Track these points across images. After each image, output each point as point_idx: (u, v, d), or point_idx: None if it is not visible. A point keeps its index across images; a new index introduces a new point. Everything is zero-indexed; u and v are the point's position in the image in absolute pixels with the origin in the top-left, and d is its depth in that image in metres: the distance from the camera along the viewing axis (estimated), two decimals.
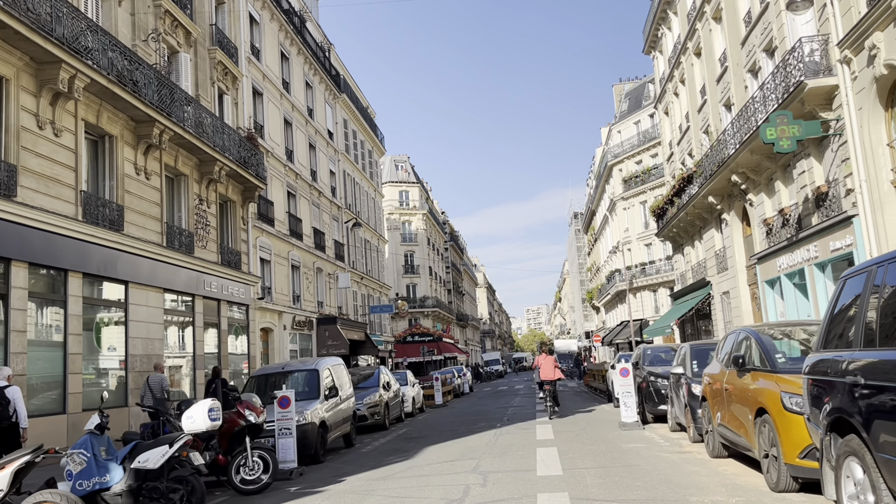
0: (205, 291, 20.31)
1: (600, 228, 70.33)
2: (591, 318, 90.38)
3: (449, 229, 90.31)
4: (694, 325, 33.78)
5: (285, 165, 28.83)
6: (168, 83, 18.24)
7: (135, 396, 16.03)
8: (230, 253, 22.65)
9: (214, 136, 20.85)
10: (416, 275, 66.67)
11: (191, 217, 20.28)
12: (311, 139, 33.17)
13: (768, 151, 21.08)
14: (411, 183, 68.61)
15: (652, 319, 52.08)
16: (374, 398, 18.41)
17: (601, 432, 13.99)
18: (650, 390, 14.96)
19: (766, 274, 22.62)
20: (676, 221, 32.27)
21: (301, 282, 29.68)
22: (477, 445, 13.11)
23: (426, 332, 60.68)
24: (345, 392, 14.89)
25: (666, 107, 36.79)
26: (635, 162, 55.45)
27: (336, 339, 30.54)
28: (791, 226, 20.14)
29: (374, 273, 44.34)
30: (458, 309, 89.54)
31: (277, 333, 26.45)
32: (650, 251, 54.13)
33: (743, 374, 8.04)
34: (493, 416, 20.10)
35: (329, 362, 14.47)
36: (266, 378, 13.90)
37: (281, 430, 10.98)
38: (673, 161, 36.17)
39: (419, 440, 15.01)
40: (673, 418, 13.21)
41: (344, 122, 39.81)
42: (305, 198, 31.34)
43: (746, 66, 23.02)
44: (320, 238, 32.81)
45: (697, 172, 27.68)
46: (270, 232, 26.37)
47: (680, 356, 13.08)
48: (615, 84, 63.73)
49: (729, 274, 27.08)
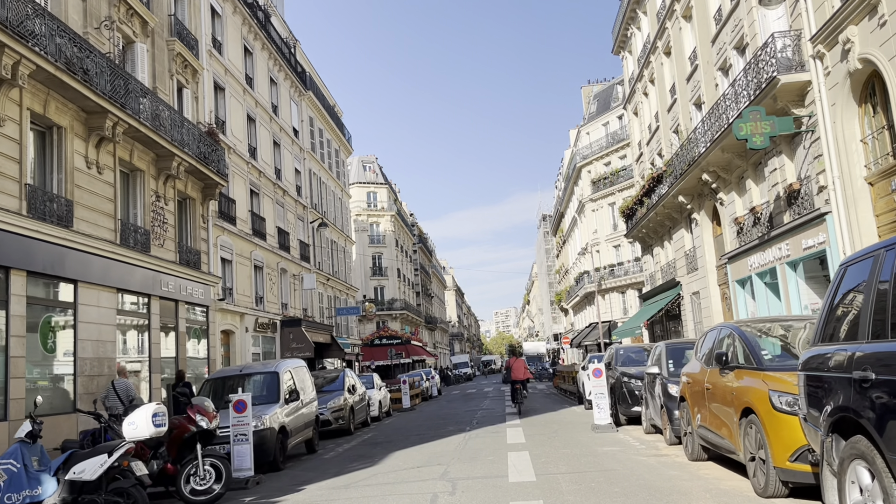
0: (162, 292, 19.45)
1: (569, 230, 70.31)
2: (559, 320, 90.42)
3: (417, 231, 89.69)
4: (664, 326, 33.63)
5: (248, 163, 28.00)
6: (122, 73, 17.38)
7: (84, 402, 15.16)
8: (189, 252, 21.79)
9: (172, 130, 20.00)
10: (384, 277, 65.91)
11: (147, 214, 19.41)
12: (276, 136, 32.35)
13: (740, 149, 20.91)
14: (379, 184, 67.86)
15: (621, 321, 52.04)
16: (338, 402, 17.75)
17: (574, 435, 13.51)
18: (623, 391, 14.54)
19: (736, 273, 22.43)
20: (646, 222, 32.11)
21: (264, 283, 28.84)
22: (445, 450, 12.54)
23: (394, 334, 59.95)
24: (307, 396, 14.22)
25: (635, 107, 36.67)
26: (604, 164, 55.45)
27: (301, 342, 29.75)
28: (762, 224, 19.95)
29: (341, 275, 43.55)
30: (427, 312, 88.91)
31: (239, 336, 25.59)
32: (619, 253, 54.12)
33: (726, 372, 7.59)
34: (461, 420, 19.55)
35: (290, 365, 13.78)
36: (223, 381, 13.17)
37: (236, 436, 10.28)
38: (642, 161, 36.05)
39: (385, 445, 14.40)
40: (648, 420, 12.79)
41: (310, 120, 39.01)
42: (269, 196, 30.51)
43: (717, 64, 22.84)
44: (285, 238, 31.99)
45: (667, 172, 27.50)
46: (232, 231, 25.52)
47: (655, 355, 12.67)
48: (584, 86, 63.80)
49: (699, 274, 26.92)
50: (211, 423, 9.17)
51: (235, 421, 10.27)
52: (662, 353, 11.96)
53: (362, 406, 19.94)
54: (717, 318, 25.56)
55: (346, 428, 17.82)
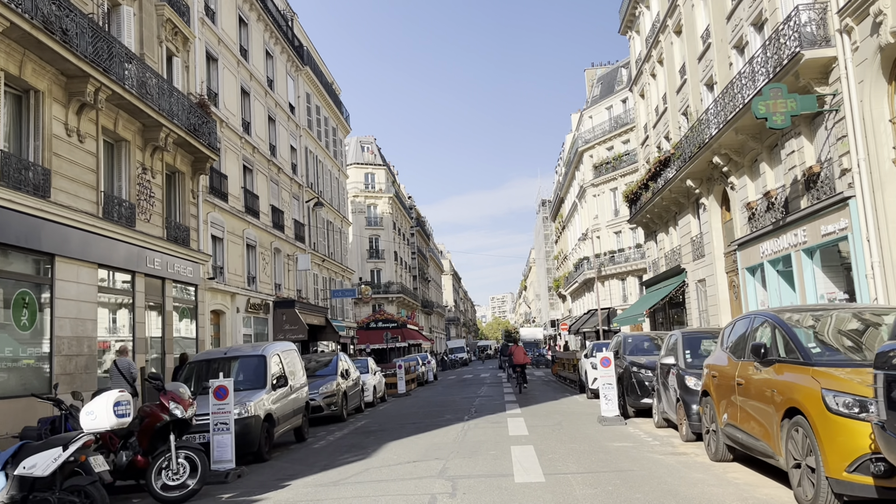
0: (147, 269, 18.53)
1: (569, 216, 69.41)
2: (556, 306, 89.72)
3: (415, 214, 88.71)
4: (666, 314, 32.83)
5: (241, 138, 27.00)
6: (106, 36, 16.36)
7: (64, 383, 14.32)
8: (177, 228, 20.86)
9: (160, 99, 19.01)
10: (381, 260, 65.02)
11: (132, 187, 18.45)
12: (271, 112, 31.32)
13: (754, 131, 20.01)
14: (377, 165, 66.79)
15: (620, 308, 51.28)
16: (330, 387, 16.91)
17: (580, 427, 12.69)
18: (632, 382, 13.71)
19: (747, 261, 21.57)
20: (651, 207, 31.21)
21: (257, 262, 27.93)
22: (443, 442, 11.71)
23: (390, 318, 59.22)
24: (297, 381, 13.37)
25: (642, 89, 35.65)
26: (606, 148, 54.44)
27: (294, 324, 28.89)
28: (777, 209, 19.07)
29: (337, 256, 42.65)
30: (424, 295, 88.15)
31: (230, 316, 24.72)
32: (620, 239, 53.26)
33: (764, 366, 6.73)
34: (459, 408, 18.75)
35: (279, 347, 12.91)
36: (206, 364, 12.29)
37: (217, 425, 9.42)
38: (648, 145, 35.09)
39: (379, 434, 13.58)
40: (659, 413, 11.97)
41: (307, 96, 37.93)
42: (263, 173, 29.53)
43: (732, 41, 21.86)
44: (279, 217, 31.04)
45: (675, 155, 26.57)
46: (223, 208, 24.57)
47: (669, 345, 11.82)
48: (587, 69, 62.66)
49: (706, 261, 26.07)
50: (186, 411, 8.29)
51: (216, 408, 9.41)
52: (679, 342, 11.10)
53: (356, 391, 19.12)
54: (724, 306, 24.75)
55: (339, 415, 17.00)
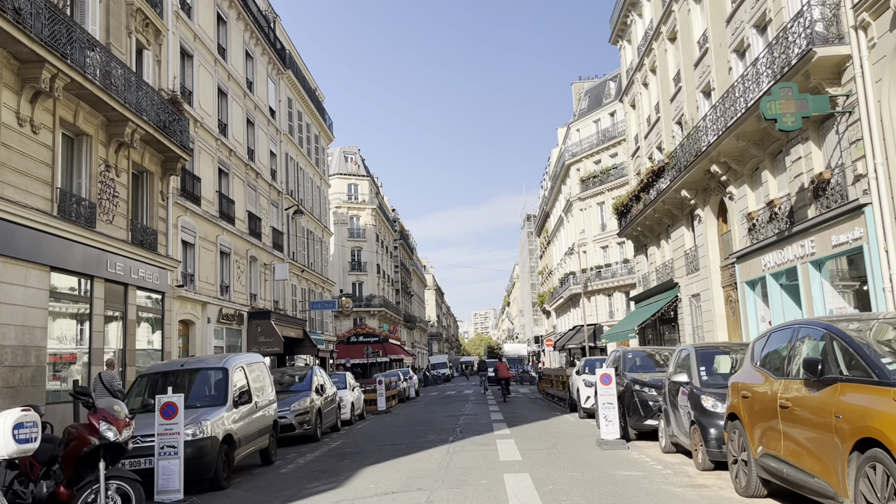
0: (108, 273, 17.13)
1: (554, 230, 68.46)
2: (541, 322, 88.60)
3: (399, 227, 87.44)
4: (656, 331, 31.77)
5: (217, 139, 25.68)
6: (65, 19, 15.08)
7: (4, 397, 12.91)
8: (144, 231, 19.48)
9: (126, 91, 17.70)
10: (363, 272, 63.62)
11: (94, 185, 17.09)
12: (250, 114, 30.04)
13: (756, 137, 19.06)
14: (361, 176, 65.55)
15: (606, 324, 50.22)
16: (303, 404, 15.56)
17: (579, 452, 11.45)
18: (634, 401, 12.51)
19: (746, 274, 20.54)
20: (642, 219, 30.21)
21: (231, 270, 26.54)
22: (426, 468, 10.43)
23: (371, 332, 57.73)
24: (264, 397, 12.04)
25: (633, 99, 34.79)
26: (594, 161, 53.61)
27: (269, 336, 27.47)
28: (780, 219, 18.06)
29: (317, 267, 41.26)
30: (406, 310, 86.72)
31: (200, 327, 23.29)
32: (607, 254, 52.32)
33: (820, 386, 5.56)
34: (443, 427, 17.44)
35: (244, 360, 11.57)
36: (161, 378, 10.92)
37: (163, 447, 8.09)
38: (639, 156, 34.17)
39: (354, 458, 12.25)
40: (667, 437, 10.76)
41: (288, 101, 36.70)
42: (240, 178, 28.20)
43: (731, 45, 20.95)
44: (256, 224, 29.69)
45: (670, 165, 25.60)
46: (196, 212, 23.21)
47: (678, 360, 10.64)
48: (574, 82, 61.98)
49: (700, 275, 25.04)
50: (120, 433, 6.95)
51: (162, 429, 8.09)
52: (692, 357, 9.92)
53: (332, 409, 17.76)
54: (720, 322, 23.70)
55: (312, 434, 15.64)
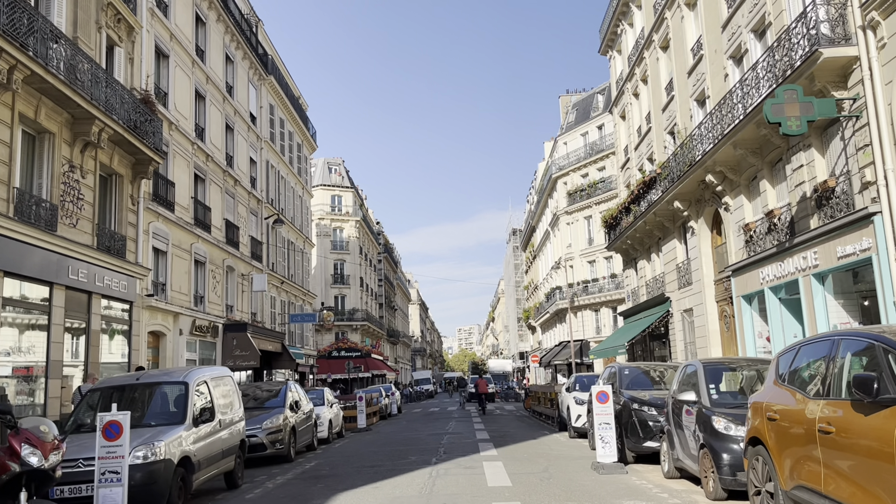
0: (69, 280, 16.04)
1: (540, 245, 67.75)
2: (526, 338, 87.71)
3: (383, 240, 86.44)
4: (646, 347, 30.93)
5: (194, 143, 24.66)
6: (27, 7, 14.10)
7: None
8: (111, 237, 18.41)
9: (94, 88, 16.70)
10: (346, 285, 62.46)
11: (56, 186, 16.03)
12: (229, 119, 29.05)
13: (755, 145, 18.36)
14: (345, 187, 64.56)
15: (593, 340, 49.39)
16: (276, 422, 14.49)
17: (573, 477, 10.49)
18: (633, 421, 11.58)
19: (743, 288, 19.76)
20: (632, 232, 29.45)
21: (206, 280, 25.42)
22: (407, 494, 9.44)
23: (354, 346, 56.45)
24: (230, 415, 10.99)
25: (622, 110, 34.17)
26: (581, 175, 53.01)
27: (245, 349, 26.34)
28: (780, 231, 17.30)
29: (298, 279, 40.14)
30: (390, 324, 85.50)
31: (172, 339, 22.14)
32: (594, 268, 51.60)
33: (875, 408, 4.67)
34: (426, 447, 16.41)
35: (207, 374, 10.53)
36: (114, 393, 9.85)
37: (104, 473, 7.05)
38: (628, 168, 33.50)
39: (329, 482, 11.21)
40: (671, 460, 9.83)
41: (270, 107, 35.74)
42: (218, 184, 27.15)
43: (728, 51, 20.30)
44: (234, 232, 28.61)
45: (662, 175, 24.87)
46: (169, 218, 22.15)
47: (682, 377, 9.75)
48: (562, 95, 61.51)
49: (693, 289, 24.26)
50: (46, 457, 5.91)
51: (104, 451, 7.05)
52: (700, 374, 9.02)
53: (307, 427, 16.68)
54: (714, 338, 22.89)
55: (285, 454, 14.56)
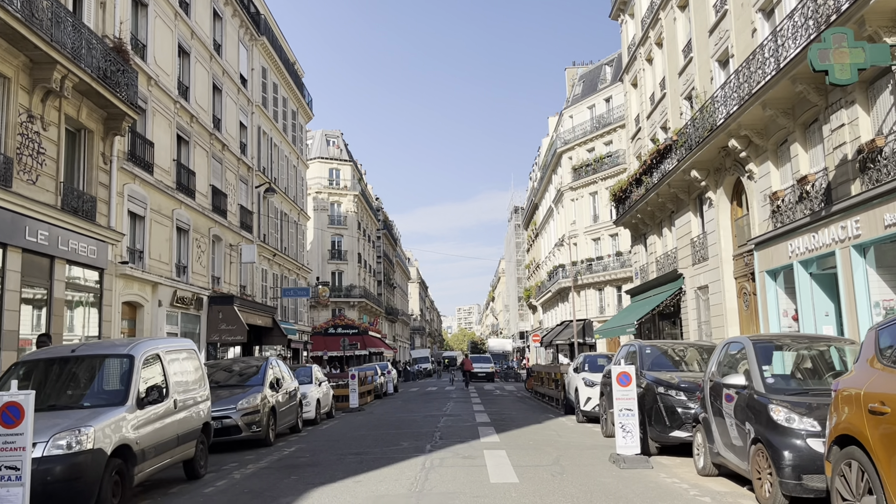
0: (27, 242, 14.45)
1: (543, 222, 66.09)
2: (526, 317, 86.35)
3: (383, 217, 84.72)
4: (654, 326, 29.41)
5: (176, 102, 22.94)
6: None
7: None
8: (79, 197, 16.79)
9: (55, 29, 14.99)
10: (344, 261, 60.88)
11: (11, 136, 14.38)
12: (217, 80, 27.28)
13: (786, 105, 16.66)
14: (343, 160, 62.75)
15: (597, 320, 47.93)
16: (253, 402, 12.96)
17: (590, 471, 8.96)
18: (658, 407, 10.04)
19: (767, 262, 18.16)
20: (643, 205, 27.80)
21: (190, 249, 23.83)
22: (393, 492, 7.92)
23: (350, 323, 55.03)
24: (191, 393, 9.44)
25: (634, 77, 32.36)
26: (587, 149, 51.21)
27: (232, 323, 24.81)
28: (814, 199, 15.67)
29: (292, 252, 38.53)
30: (388, 302, 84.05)
31: (150, 310, 20.60)
32: (598, 246, 49.97)
33: None
34: (420, 430, 14.90)
35: (161, 346, 8.94)
36: (43, 367, 8.27)
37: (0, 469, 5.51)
38: (639, 138, 31.76)
39: (305, 472, 9.70)
40: (707, 455, 8.30)
41: (262, 70, 33.92)
42: (204, 148, 25.46)
43: (756, 4, 18.52)
44: (221, 200, 26.96)
45: (678, 143, 23.18)
46: (147, 181, 20.51)
47: (724, 357, 8.18)
48: (568, 68, 59.49)
49: (709, 265, 22.67)
50: None
51: (0, 442, 5.53)
52: (750, 353, 7.43)
53: (290, 407, 15.16)
54: (731, 317, 21.34)
55: (263, 437, 13.05)
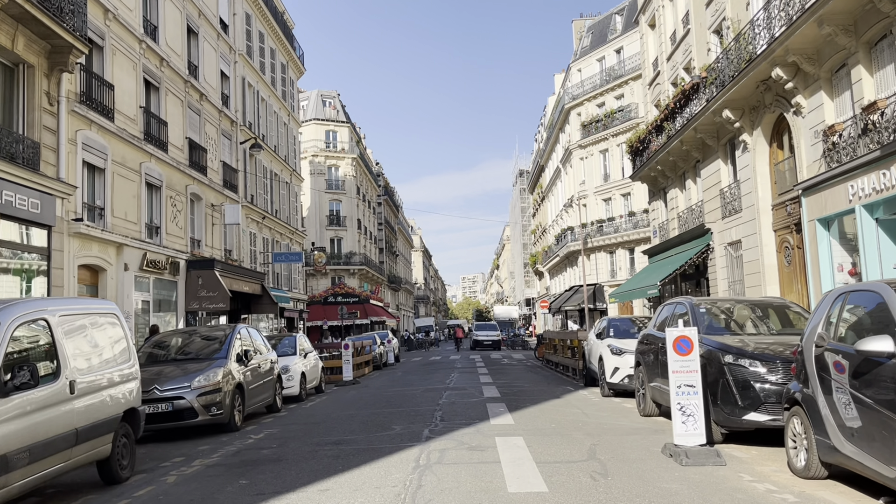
0: None
1: (550, 184, 63.40)
2: (532, 284, 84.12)
3: (383, 182, 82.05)
4: (676, 288, 27.01)
5: (142, 42, 20.33)
6: None
7: None
8: (16, 142, 14.34)
9: None
10: (343, 227, 58.41)
11: None
12: (192, 21, 24.59)
13: (847, 20, 14.02)
14: (340, 122, 59.92)
15: (608, 284, 45.54)
16: (212, 379, 10.61)
17: (643, 471, 6.61)
18: (725, 381, 7.66)
19: (819, 209, 15.68)
20: (664, 155, 25.22)
21: (163, 208, 21.41)
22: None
23: (351, 292, 52.82)
24: (104, 371, 7.09)
25: (651, 17, 29.53)
26: (597, 104, 48.36)
27: (213, 290, 22.48)
28: (883, 129, 13.12)
29: (283, 215, 36.06)
30: (391, 270, 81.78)
31: (114, 275, 18.25)
32: (609, 207, 47.39)
33: None
34: (418, 410, 12.59)
35: (53, 307, 6.49)
36: None
37: None
38: (658, 84, 29.04)
39: (261, 474, 7.37)
40: (813, 449, 5.90)
41: (246, 16, 31.14)
42: (178, 96, 22.89)
43: None
44: (200, 155, 24.45)
45: (708, 80, 20.53)
46: (107, 128, 18.01)
47: (837, 311, 5.73)
48: (575, 20, 56.34)
49: (742, 217, 20.19)
50: None
51: None
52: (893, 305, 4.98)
53: (265, 383, 12.83)
54: (770, 275, 18.93)
55: (225, 420, 10.72)
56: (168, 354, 11.74)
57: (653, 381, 10.05)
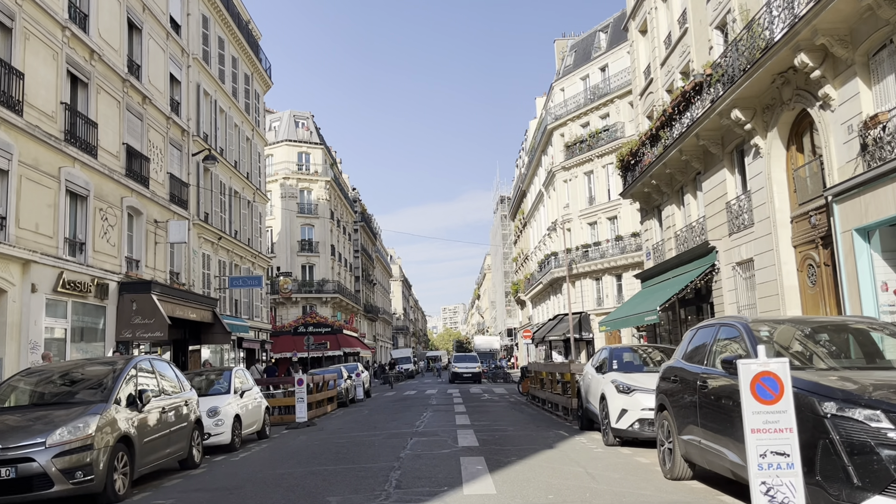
0: None
1: (532, 209, 61.03)
2: (514, 313, 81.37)
3: (360, 209, 79.35)
4: (675, 315, 24.42)
5: (65, 29, 17.61)
6: None
7: None
8: None
9: None
10: (315, 253, 55.44)
11: None
12: (134, 16, 21.92)
13: None
14: (314, 144, 57.28)
15: (594, 312, 42.97)
16: (78, 433, 7.68)
17: None
18: (827, 444, 4.92)
19: (856, 218, 13.18)
20: (660, 167, 22.80)
21: (90, 221, 18.49)
22: None
23: (322, 321, 49.78)
24: None
25: (643, 21, 27.35)
26: (581, 125, 46.23)
27: (149, 317, 19.50)
28: None
29: (244, 237, 33.13)
30: (368, 300, 78.71)
31: (18, 297, 15.27)
32: (594, 231, 44.99)
33: None
34: (370, 468, 9.72)
35: None
36: None
37: None
38: (650, 93, 26.75)
39: None
40: None
41: (203, 19, 28.55)
42: (112, 96, 20.13)
43: None
44: (140, 164, 21.61)
45: (713, 77, 18.15)
46: (13, 123, 15.19)
47: None
48: (557, 39, 54.46)
49: (754, 232, 17.71)
50: None
51: None
52: None
53: (172, 432, 9.87)
54: (791, 296, 16.39)
55: (98, 489, 7.79)
56: (25, 398, 8.80)
57: (686, 432, 7.31)
